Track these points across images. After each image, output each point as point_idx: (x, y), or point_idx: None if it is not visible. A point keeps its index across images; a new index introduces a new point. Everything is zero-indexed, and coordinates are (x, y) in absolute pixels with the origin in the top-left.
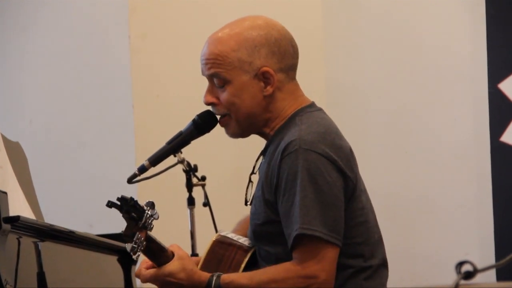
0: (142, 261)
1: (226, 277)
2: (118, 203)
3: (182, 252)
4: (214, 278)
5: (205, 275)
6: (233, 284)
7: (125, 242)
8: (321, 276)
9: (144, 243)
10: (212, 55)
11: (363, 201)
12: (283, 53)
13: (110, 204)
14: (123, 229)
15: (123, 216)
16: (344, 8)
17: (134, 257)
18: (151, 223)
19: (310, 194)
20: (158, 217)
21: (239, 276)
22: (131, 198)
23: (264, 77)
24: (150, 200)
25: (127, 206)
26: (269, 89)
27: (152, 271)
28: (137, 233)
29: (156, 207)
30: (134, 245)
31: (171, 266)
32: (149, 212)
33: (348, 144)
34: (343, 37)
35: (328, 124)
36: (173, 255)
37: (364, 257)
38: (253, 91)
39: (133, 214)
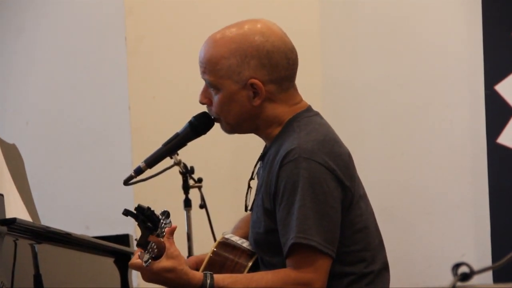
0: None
1: (221, 279)
2: (135, 212)
3: (174, 249)
4: (208, 281)
5: (198, 277)
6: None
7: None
8: (317, 285)
9: (156, 251)
10: (205, 60)
11: (361, 208)
12: (274, 65)
13: (126, 213)
14: (138, 238)
15: (138, 225)
16: (341, 8)
17: (145, 265)
18: (163, 232)
19: (307, 203)
20: (171, 226)
21: (235, 280)
22: (148, 208)
23: (252, 88)
24: (166, 210)
25: (143, 215)
26: (257, 101)
27: (140, 262)
28: (151, 242)
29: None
30: (147, 254)
31: (161, 263)
32: (163, 222)
33: (347, 150)
34: (340, 38)
35: (326, 131)
36: (164, 249)
37: (366, 263)
38: (242, 101)
39: (148, 224)
